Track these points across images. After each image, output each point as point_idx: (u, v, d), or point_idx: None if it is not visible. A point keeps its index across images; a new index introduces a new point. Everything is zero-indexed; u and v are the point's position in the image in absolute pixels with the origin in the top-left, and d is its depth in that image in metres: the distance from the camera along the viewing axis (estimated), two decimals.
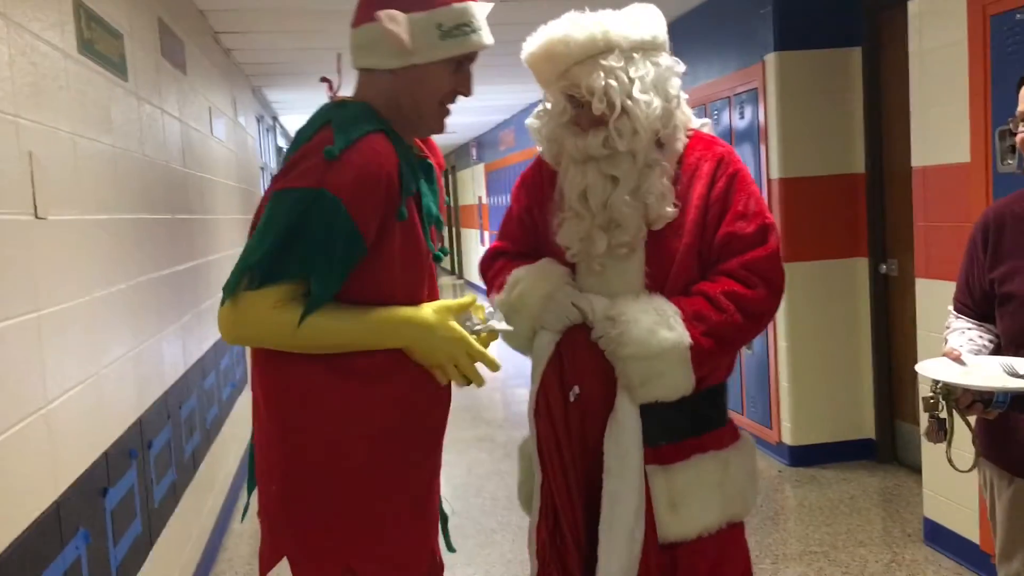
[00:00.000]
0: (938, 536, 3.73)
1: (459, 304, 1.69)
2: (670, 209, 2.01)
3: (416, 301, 1.66)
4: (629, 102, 1.96)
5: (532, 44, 2.05)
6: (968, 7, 3.32)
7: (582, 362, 2.01)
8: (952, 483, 3.55)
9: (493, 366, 1.71)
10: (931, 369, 1.83)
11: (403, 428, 1.66)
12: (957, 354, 1.89)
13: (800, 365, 4.94)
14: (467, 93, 1.72)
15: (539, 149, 2.17)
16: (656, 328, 1.94)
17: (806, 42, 4.82)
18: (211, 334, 4.59)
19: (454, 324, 1.66)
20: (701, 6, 5.68)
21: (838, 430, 4.98)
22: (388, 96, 1.67)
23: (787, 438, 5.03)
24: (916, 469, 4.25)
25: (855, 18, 4.77)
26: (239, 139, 6.66)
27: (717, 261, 2.01)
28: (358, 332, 1.60)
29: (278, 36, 6.03)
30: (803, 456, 4.97)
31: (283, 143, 11.05)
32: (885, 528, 4.08)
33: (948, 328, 2.13)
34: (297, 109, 9.96)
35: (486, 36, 1.69)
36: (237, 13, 5.29)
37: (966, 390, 1.79)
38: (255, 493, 1.77)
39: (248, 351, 1.80)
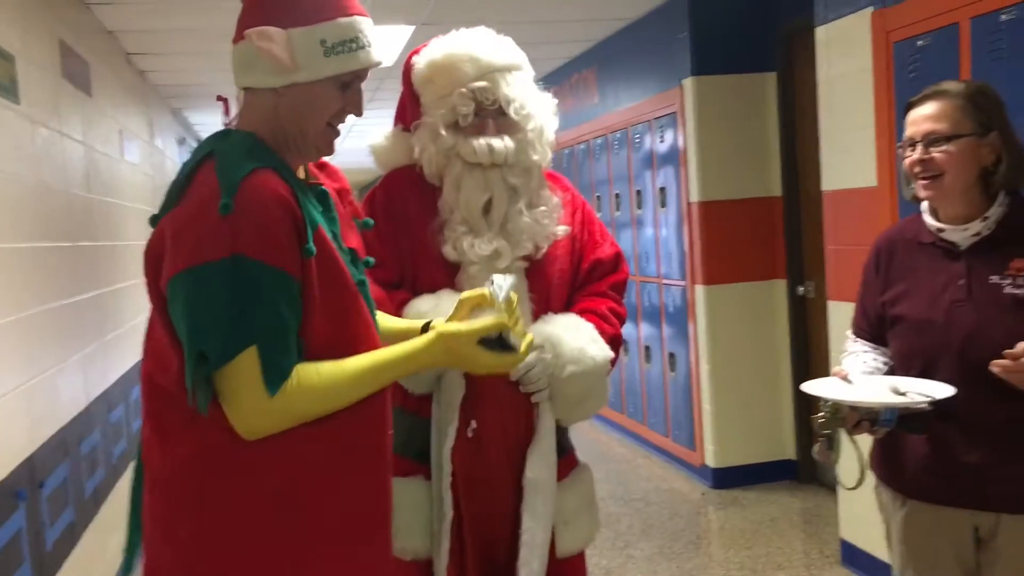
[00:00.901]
0: (854, 557, 3.75)
1: (477, 329, 1.59)
2: (560, 228, 2.10)
3: (348, 340, 1.57)
4: (541, 120, 2.05)
5: (449, 46, 2.05)
6: (872, 34, 3.38)
7: (483, 396, 2.02)
8: (867, 504, 3.56)
9: (525, 353, 1.65)
10: (817, 388, 1.88)
11: (341, 455, 1.56)
12: (844, 374, 1.95)
13: (722, 387, 4.96)
14: (357, 113, 1.62)
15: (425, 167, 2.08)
16: (585, 346, 2.02)
17: (722, 67, 4.88)
18: (119, 365, 4.43)
19: (477, 357, 1.59)
20: (622, 31, 5.72)
21: (760, 451, 5.00)
22: (272, 117, 1.56)
23: (710, 460, 5.04)
24: (835, 490, 4.28)
25: (769, 44, 4.84)
26: (156, 162, 6.50)
27: (584, 284, 2.17)
28: (369, 383, 1.55)
29: (194, 57, 5.90)
30: (726, 478, 4.98)
31: None
32: (804, 550, 4.09)
33: (846, 351, 2.16)
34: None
35: (376, 53, 1.60)
36: (150, 34, 5.16)
37: (852, 409, 1.84)
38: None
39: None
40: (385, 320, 1.81)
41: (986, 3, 2.86)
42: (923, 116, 1.94)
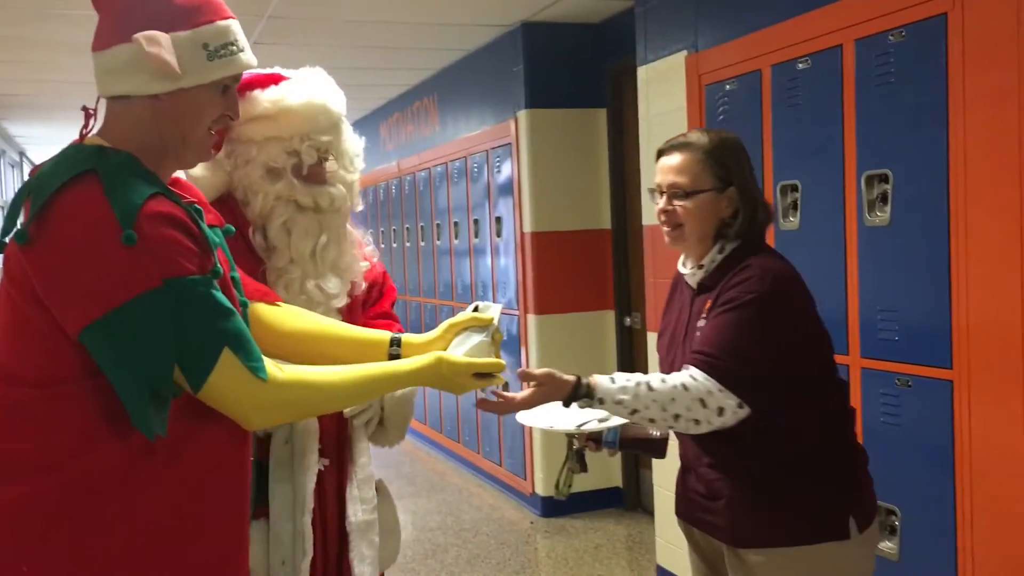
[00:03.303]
0: None
1: (477, 364, 1.65)
2: (365, 263, 2.18)
3: None
4: (360, 170, 2.14)
5: (307, 94, 2.01)
6: (686, 76, 3.52)
7: (327, 433, 2.03)
8: (680, 531, 3.67)
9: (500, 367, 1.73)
10: (525, 415, 2.01)
11: (196, 502, 1.50)
12: None
13: None
14: (235, 116, 1.61)
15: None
16: None
17: (555, 101, 4.98)
18: None
19: (465, 385, 1.66)
20: (460, 61, 5.76)
21: (588, 479, 5.02)
22: (148, 126, 1.50)
23: (539, 488, 5.07)
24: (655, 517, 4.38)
25: (599, 80, 4.98)
26: None
27: (365, 305, 2.20)
28: (359, 391, 1.63)
29: (10, 67, 5.56)
30: (555, 506, 5.02)
31: None
32: None
33: None
34: (47, 143, 9.28)
35: (250, 56, 1.58)
36: None
37: (586, 433, 2.01)
38: None
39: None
40: (343, 327, 1.85)
41: (784, 52, 3.03)
42: (668, 167, 1.98)
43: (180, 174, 1.66)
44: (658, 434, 1.98)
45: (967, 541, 2.48)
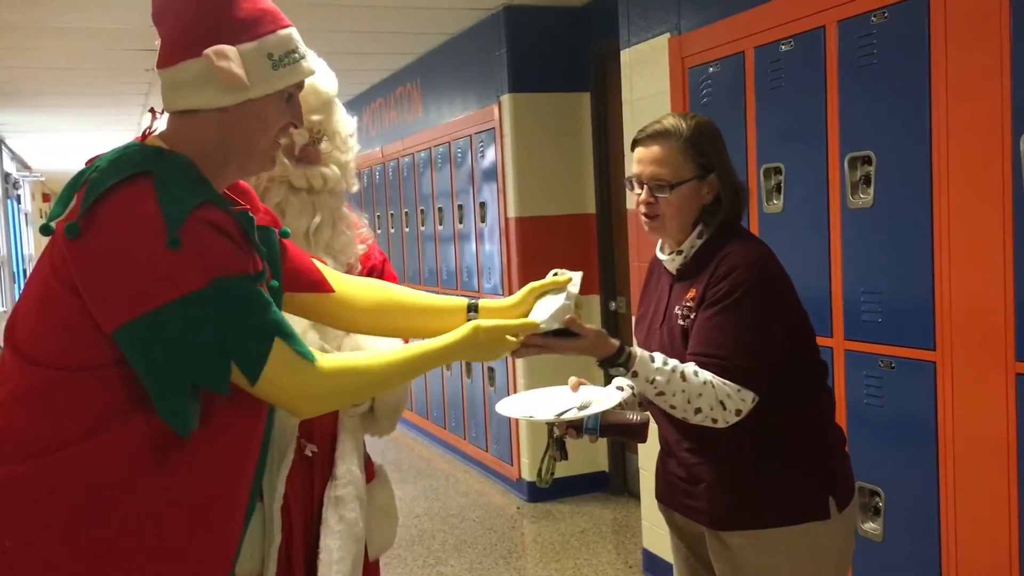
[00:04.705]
0: (655, 567, 3.85)
1: (514, 326, 1.69)
2: (361, 246, 2.17)
3: None
4: (355, 150, 2.14)
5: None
6: (670, 59, 3.50)
7: (316, 418, 1.99)
8: None
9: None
10: (503, 404, 1.99)
11: (196, 494, 1.50)
12: (576, 383, 2.00)
13: None
14: (300, 123, 1.63)
15: None
16: None
17: (539, 85, 4.96)
18: None
19: (505, 346, 1.68)
20: (443, 45, 5.73)
21: (574, 464, 5.02)
22: (213, 138, 1.52)
23: (526, 474, 5.08)
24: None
25: (583, 64, 4.95)
26: None
27: None
28: (404, 372, 1.61)
29: None
30: (541, 491, 5.03)
31: (11, 167, 10.13)
32: (610, 561, 4.17)
33: None
34: (27, 131, 9.17)
35: (311, 61, 1.61)
36: None
37: (566, 421, 1.97)
38: None
39: None
40: (419, 296, 1.84)
41: (767, 34, 3.01)
42: (648, 158, 1.93)
43: None
44: (637, 419, 1.96)
45: (950, 521, 2.50)
